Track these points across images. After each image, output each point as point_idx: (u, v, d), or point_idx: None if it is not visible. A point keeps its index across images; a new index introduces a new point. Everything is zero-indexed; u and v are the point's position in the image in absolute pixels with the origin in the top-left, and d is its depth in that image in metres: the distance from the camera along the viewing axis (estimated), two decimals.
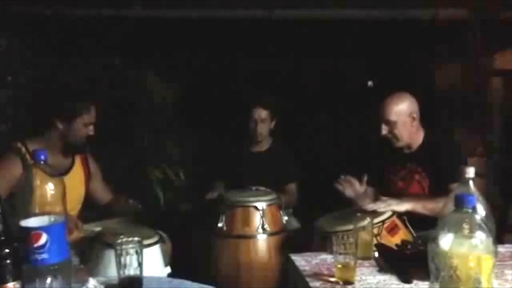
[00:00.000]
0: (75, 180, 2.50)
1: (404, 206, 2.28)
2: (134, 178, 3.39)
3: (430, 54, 3.82)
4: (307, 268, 1.71)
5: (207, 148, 3.53)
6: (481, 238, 1.07)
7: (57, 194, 1.33)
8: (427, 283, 1.54)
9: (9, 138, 2.57)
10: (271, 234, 2.63)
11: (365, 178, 2.53)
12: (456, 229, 1.10)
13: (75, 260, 2.32)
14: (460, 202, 1.08)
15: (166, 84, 3.75)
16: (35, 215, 1.29)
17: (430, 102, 2.77)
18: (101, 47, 3.57)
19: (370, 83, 4.04)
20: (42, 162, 1.31)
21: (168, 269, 2.38)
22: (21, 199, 1.33)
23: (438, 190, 2.42)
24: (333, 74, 3.88)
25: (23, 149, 2.36)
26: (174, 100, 3.76)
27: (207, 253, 2.69)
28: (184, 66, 3.74)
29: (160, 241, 2.35)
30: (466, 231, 1.07)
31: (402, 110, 2.50)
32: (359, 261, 1.69)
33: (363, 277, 1.62)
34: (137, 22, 3.50)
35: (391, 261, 1.69)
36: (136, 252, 1.40)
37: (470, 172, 1.26)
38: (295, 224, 2.94)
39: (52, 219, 1.28)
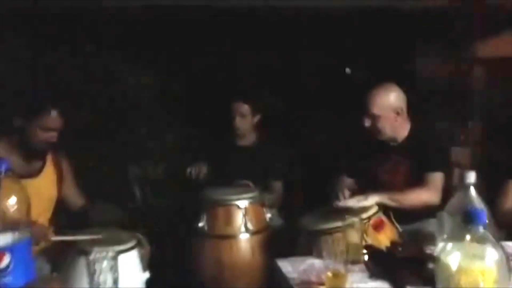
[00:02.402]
0: (46, 182, 2.37)
1: (371, 200, 2.24)
2: (110, 175, 3.25)
3: (411, 43, 3.76)
4: (294, 275, 1.63)
5: (188, 143, 3.41)
6: (490, 255, 0.99)
7: (22, 207, 1.20)
8: None
9: None
10: (254, 233, 2.55)
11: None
12: (464, 247, 1.01)
13: (46, 268, 2.20)
14: (470, 219, 0.99)
15: (144, 76, 3.60)
16: None
17: (412, 91, 2.70)
18: (74, 39, 3.39)
19: (347, 70, 3.96)
20: (3, 173, 1.18)
21: (147, 274, 2.26)
22: None
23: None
24: (318, 67, 3.78)
25: None
26: (152, 92, 3.61)
27: (188, 254, 2.60)
28: (163, 57, 3.59)
29: (138, 245, 2.23)
30: (476, 250, 0.99)
31: (387, 104, 2.43)
32: (349, 266, 1.61)
33: (354, 285, 1.54)
34: (112, 12, 3.33)
35: (382, 265, 1.62)
36: (111, 269, 1.29)
37: (471, 177, 1.18)
38: (278, 221, 2.86)
39: (16, 237, 1.16)
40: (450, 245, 1.12)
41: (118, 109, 3.48)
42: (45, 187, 2.35)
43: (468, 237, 1.01)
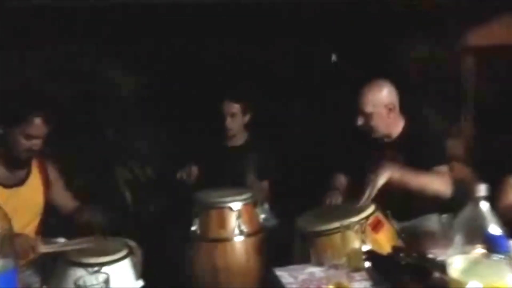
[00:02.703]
0: (32, 190, 2.28)
1: (383, 176, 2.15)
2: (99, 178, 3.16)
3: (400, 32, 3.70)
4: (294, 286, 1.57)
5: (177, 144, 3.32)
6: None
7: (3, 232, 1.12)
8: None
9: None
10: (248, 236, 2.49)
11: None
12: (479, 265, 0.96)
13: (37, 281, 2.13)
14: (492, 246, 0.93)
15: (131, 75, 3.49)
16: None
17: (402, 82, 2.65)
18: (60, 36, 3.27)
19: (333, 57, 3.89)
20: None
21: (141, 283, 2.20)
22: None
23: None
24: (302, 58, 3.71)
25: None
26: (139, 92, 3.51)
27: (182, 259, 2.54)
28: (151, 54, 3.49)
29: (130, 253, 2.16)
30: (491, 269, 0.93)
31: (378, 101, 2.38)
32: (351, 274, 1.56)
33: None
34: (99, 8, 3.21)
35: (385, 272, 1.57)
36: None
37: (482, 190, 1.12)
38: (272, 221, 2.80)
39: (0, 266, 1.08)
40: (458, 260, 1.07)
41: (105, 109, 3.38)
42: (31, 195, 2.27)
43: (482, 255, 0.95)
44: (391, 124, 2.43)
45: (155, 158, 3.40)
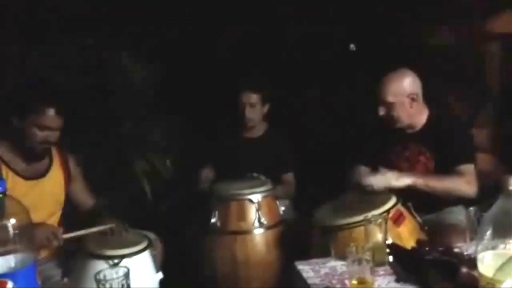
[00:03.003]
0: (54, 183, 2.27)
1: (404, 181, 2.14)
2: (117, 170, 3.15)
3: (422, 17, 3.59)
4: (316, 281, 1.54)
5: (195, 135, 3.30)
6: None
7: (23, 229, 1.11)
8: None
9: None
10: (268, 228, 2.48)
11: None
12: None
13: (58, 273, 2.15)
14: None
15: (148, 66, 3.47)
16: None
17: (425, 71, 2.57)
18: (73, 27, 3.27)
19: (352, 46, 3.81)
20: (1, 194, 1.09)
21: (160, 275, 2.21)
22: None
23: (444, 171, 2.27)
24: (329, 52, 3.63)
25: None
26: (157, 83, 3.48)
27: (201, 251, 2.53)
28: (167, 44, 3.45)
29: (149, 246, 2.16)
30: None
31: (401, 90, 2.32)
32: (374, 268, 1.51)
33: None
34: (109, 2, 3.20)
35: (409, 268, 1.52)
36: (122, 286, 1.20)
37: None
38: (292, 214, 2.77)
39: (19, 262, 1.07)
40: (489, 255, 1.02)
41: (124, 101, 3.36)
42: (52, 187, 2.26)
43: None
44: (414, 114, 2.36)
45: (174, 150, 3.38)
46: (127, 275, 1.21)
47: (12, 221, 1.08)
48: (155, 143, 3.32)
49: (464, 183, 2.20)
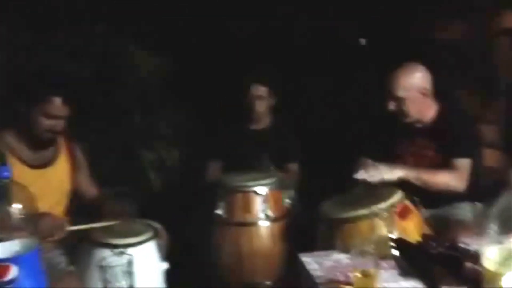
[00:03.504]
0: (60, 171, 2.28)
1: (396, 173, 2.15)
2: (123, 160, 3.16)
3: (433, 11, 3.55)
4: (320, 273, 1.54)
5: (202, 126, 3.29)
6: None
7: (28, 214, 1.12)
8: None
9: None
10: (274, 221, 2.48)
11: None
12: None
13: (63, 261, 2.15)
14: None
15: (155, 57, 3.46)
16: (2, 238, 1.08)
17: (431, 63, 2.55)
18: (83, 17, 3.27)
19: (362, 41, 3.77)
20: (6, 180, 1.09)
21: (165, 265, 2.21)
22: None
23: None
24: (330, 37, 3.59)
25: None
26: (166, 74, 3.48)
27: (206, 242, 2.53)
28: (175, 35, 3.44)
29: (154, 236, 2.17)
30: None
31: (412, 85, 2.30)
32: (378, 261, 1.51)
33: (385, 284, 1.44)
34: None
35: (414, 261, 1.52)
36: (126, 274, 1.21)
37: None
38: (298, 207, 2.76)
39: (24, 246, 1.08)
40: (493, 250, 1.01)
41: (131, 92, 3.37)
42: (58, 177, 2.27)
43: None
44: (423, 109, 2.35)
45: (182, 142, 3.38)
46: (130, 263, 1.21)
47: (18, 206, 1.09)
48: (163, 135, 3.32)
49: (453, 178, 2.21)
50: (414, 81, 2.30)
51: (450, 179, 2.21)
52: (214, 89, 3.38)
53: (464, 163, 2.24)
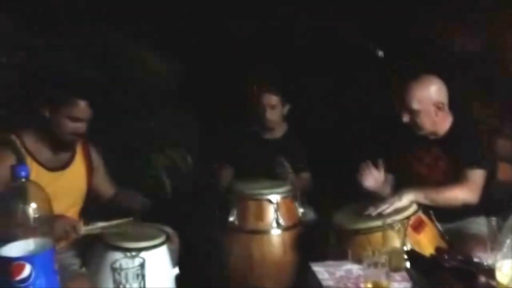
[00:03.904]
0: (75, 175, 2.30)
1: (405, 199, 2.13)
2: (136, 165, 3.17)
3: (447, 17, 3.50)
4: (331, 283, 1.53)
5: (215, 133, 3.30)
6: None
7: (43, 214, 1.13)
8: None
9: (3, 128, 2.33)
10: (286, 229, 2.48)
11: (380, 162, 2.39)
12: None
13: (76, 263, 2.17)
14: None
15: (170, 60, 3.47)
16: (18, 237, 1.09)
17: (450, 77, 2.52)
18: (97, 19, 3.29)
19: (381, 53, 3.74)
20: (23, 180, 1.11)
21: (176, 270, 2.22)
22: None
23: None
24: (339, 42, 3.57)
25: (18, 142, 2.16)
26: (180, 78, 3.48)
27: (218, 249, 2.54)
28: (189, 36, 3.45)
29: (167, 240, 2.18)
30: None
31: (427, 98, 2.28)
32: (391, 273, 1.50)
33: None
34: None
35: (427, 275, 1.50)
36: (138, 276, 1.22)
37: None
38: (311, 215, 2.76)
39: (38, 246, 1.09)
40: (508, 264, 1.00)
41: (146, 96, 3.39)
42: (74, 179, 2.29)
43: None
44: (438, 122, 2.32)
45: (195, 147, 3.39)
46: (142, 265, 1.22)
47: (33, 205, 1.10)
48: (177, 139, 3.33)
49: (464, 191, 2.18)
50: (429, 94, 2.28)
51: (460, 193, 2.18)
52: (230, 96, 3.38)
53: (476, 174, 2.21)
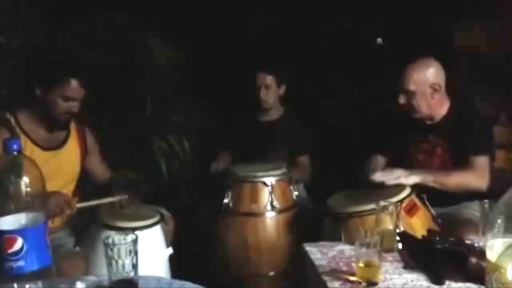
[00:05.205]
0: (70, 154, 2.31)
1: (412, 179, 2.11)
2: (136, 149, 3.18)
3: (452, 12, 3.50)
4: (323, 262, 1.54)
5: (214, 117, 3.30)
6: None
7: (36, 187, 1.13)
8: (460, 284, 1.38)
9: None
10: (280, 212, 2.47)
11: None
12: None
13: (70, 242, 2.19)
14: None
15: (171, 48, 3.47)
16: (10, 210, 1.09)
17: (450, 65, 2.52)
18: (102, 6, 3.28)
19: (379, 40, 3.74)
20: (15, 153, 1.11)
21: (170, 250, 2.24)
22: None
23: (461, 164, 2.23)
24: (345, 34, 3.57)
25: (13, 121, 2.16)
26: (179, 65, 3.48)
27: (213, 231, 2.54)
28: (190, 27, 3.45)
29: (161, 220, 2.19)
30: None
31: (423, 79, 2.27)
32: (382, 254, 1.51)
33: (388, 276, 1.44)
34: None
35: (418, 256, 1.51)
36: (130, 252, 1.22)
37: None
38: (306, 199, 2.76)
39: (30, 220, 1.09)
40: (498, 243, 1.01)
41: (147, 82, 3.38)
42: (68, 160, 2.30)
43: None
44: (434, 105, 2.31)
45: (193, 131, 3.39)
46: (135, 242, 1.22)
47: (26, 179, 1.10)
48: (174, 124, 3.33)
49: (474, 177, 2.17)
50: (426, 76, 2.27)
51: (472, 179, 2.17)
52: (229, 81, 3.38)
53: (483, 161, 2.20)
